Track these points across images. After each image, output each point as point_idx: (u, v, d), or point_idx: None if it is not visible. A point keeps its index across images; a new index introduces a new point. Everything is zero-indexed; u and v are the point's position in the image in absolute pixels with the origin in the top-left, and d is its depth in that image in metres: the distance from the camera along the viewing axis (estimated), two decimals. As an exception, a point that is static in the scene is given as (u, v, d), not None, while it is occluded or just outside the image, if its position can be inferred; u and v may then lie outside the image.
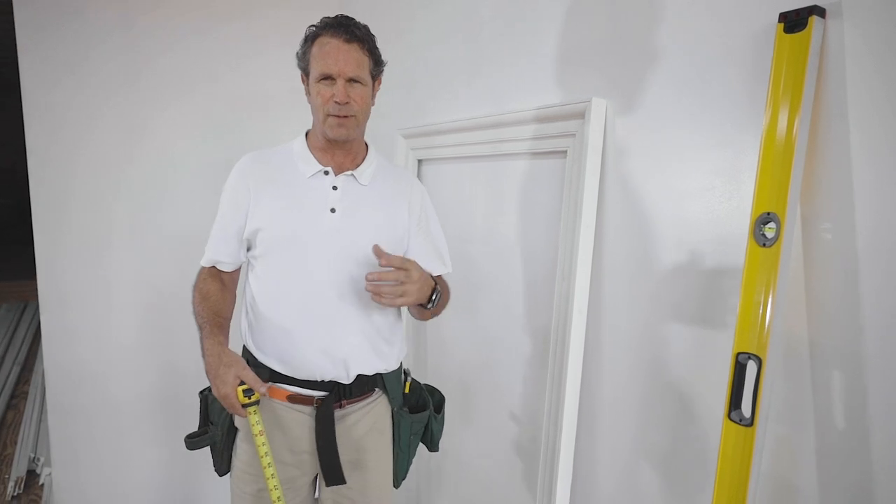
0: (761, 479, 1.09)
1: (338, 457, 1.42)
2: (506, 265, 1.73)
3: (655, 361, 1.32)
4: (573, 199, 1.44)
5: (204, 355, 1.32)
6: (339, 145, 1.45)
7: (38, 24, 2.09)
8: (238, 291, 1.53)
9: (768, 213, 1.05)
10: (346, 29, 1.36)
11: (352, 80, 1.37)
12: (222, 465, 1.50)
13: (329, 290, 1.41)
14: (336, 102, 1.36)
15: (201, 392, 1.53)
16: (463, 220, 1.88)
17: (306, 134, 1.51)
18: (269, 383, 1.42)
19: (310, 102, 1.43)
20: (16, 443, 3.34)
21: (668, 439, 1.30)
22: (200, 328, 1.36)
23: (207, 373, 1.30)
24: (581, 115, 1.42)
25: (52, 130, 2.14)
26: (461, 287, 1.90)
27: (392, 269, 1.31)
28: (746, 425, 1.06)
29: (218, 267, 1.48)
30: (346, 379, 1.43)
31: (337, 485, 1.43)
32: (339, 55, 1.35)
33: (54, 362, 2.22)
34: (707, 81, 1.19)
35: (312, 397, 1.43)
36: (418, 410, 1.57)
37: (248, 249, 1.47)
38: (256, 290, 1.44)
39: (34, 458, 3.07)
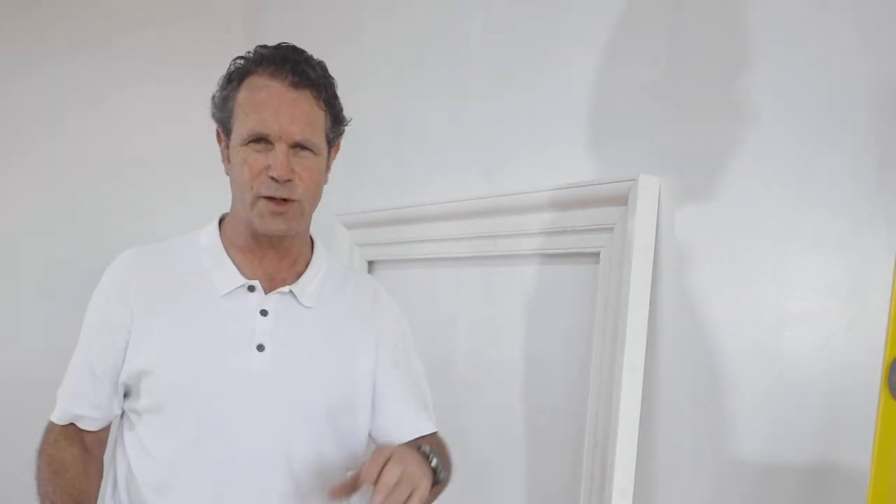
0: None
1: None
2: (507, 425, 1.64)
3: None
4: (610, 324, 1.37)
5: None
6: (273, 244, 1.36)
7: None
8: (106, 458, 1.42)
9: (908, 357, 0.98)
10: (295, 67, 1.27)
11: (298, 147, 1.27)
12: None
13: (253, 468, 1.31)
14: (272, 179, 1.25)
15: None
16: (439, 350, 1.80)
17: (220, 222, 1.39)
18: None
19: (229, 174, 1.33)
20: None
21: None
22: None
23: None
24: (622, 201, 1.37)
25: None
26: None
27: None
28: None
29: (78, 424, 1.35)
30: None
31: None
32: (280, 107, 1.26)
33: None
34: (813, 158, 1.15)
35: None
36: None
37: (126, 397, 1.37)
38: (137, 461, 1.33)
39: None
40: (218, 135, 1.35)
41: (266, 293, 1.34)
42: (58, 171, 2.28)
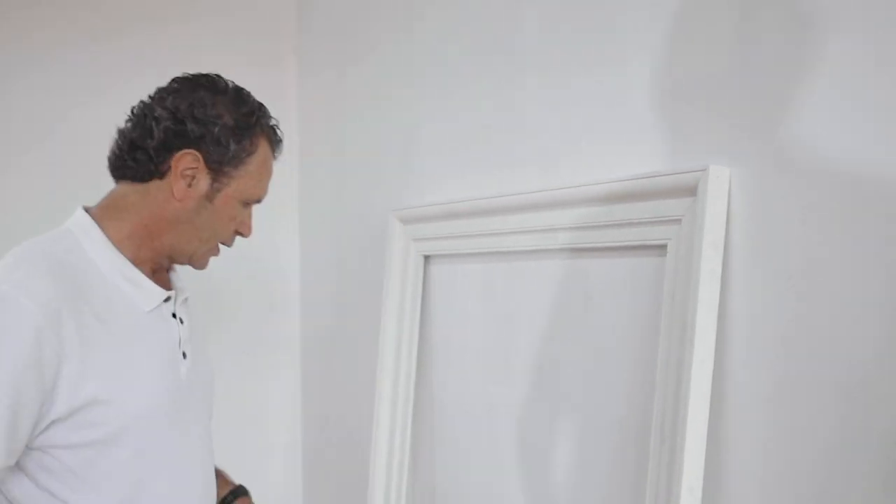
0: None
1: None
2: (571, 423, 1.61)
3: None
4: (678, 318, 1.32)
5: None
6: (169, 265, 1.45)
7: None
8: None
9: None
10: (280, 143, 1.46)
11: None
12: None
13: (197, 466, 1.42)
14: (238, 235, 1.44)
15: None
16: (497, 353, 1.77)
17: (99, 227, 1.31)
18: None
19: (194, 207, 1.34)
20: None
21: None
22: None
23: None
24: (691, 192, 1.32)
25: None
26: (494, 452, 1.79)
27: None
28: None
29: None
30: None
31: None
32: (270, 178, 1.45)
33: None
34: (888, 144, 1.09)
35: None
36: None
37: (40, 433, 1.23)
38: (89, 488, 1.26)
39: None
40: (203, 169, 1.31)
41: (174, 303, 1.39)
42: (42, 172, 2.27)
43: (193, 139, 1.29)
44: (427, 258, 1.98)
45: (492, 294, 1.79)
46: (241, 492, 1.62)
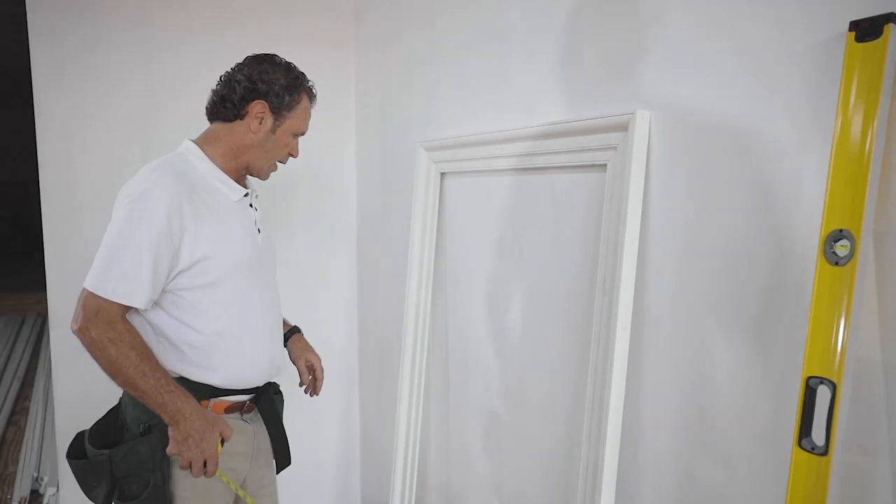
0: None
1: (287, 440, 1.57)
2: (538, 282, 1.66)
3: (706, 387, 1.26)
4: (615, 212, 1.38)
5: (181, 420, 1.28)
6: (246, 174, 1.53)
7: (50, 28, 2.03)
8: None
9: (840, 230, 0.99)
10: (315, 97, 1.56)
11: None
12: None
13: (270, 304, 1.53)
14: (290, 156, 1.54)
15: (80, 457, 1.36)
16: (491, 236, 1.82)
17: (200, 149, 1.44)
18: (212, 401, 1.42)
19: (264, 138, 1.46)
20: (17, 461, 3.23)
21: (722, 471, 1.23)
22: (165, 390, 1.27)
23: (188, 437, 1.28)
24: (623, 128, 1.36)
25: (64, 139, 2.07)
26: (488, 304, 1.85)
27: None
28: (820, 454, 0.99)
29: (140, 306, 1.30)
30: (278, 375, 1.56)
31: (286, 467, 1.58)
32: (309, 119, 1.54)
33: (63, 383, 2.13)
34: (768, 91, 1.13)
35: (244, 402, 1.49)
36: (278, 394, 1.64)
37: (171, 280, 1.35)
38: (206, 316, 1.37)
39: (37, 477, 2.97)
40: (264, 109, 1.44)
41: (251, 197, 1.51)
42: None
43: (262, 93, 1.43)
44: (443, 174, 2.01)
45: (488, 199, 1.83)
46: (296, 330, 1.74)
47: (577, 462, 1.52)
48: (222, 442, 1.33)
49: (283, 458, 1.56)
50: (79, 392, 2.12)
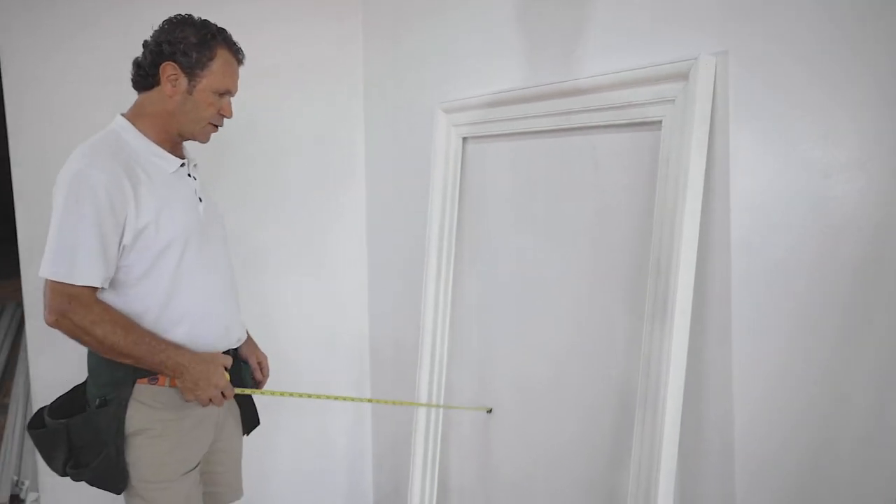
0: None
1: (254, 402, 1.72)
2: (574, 261, 1.53)
3: (782, 381, 1.13)
4: (673, 177, 1.24)
5: (184, 370, 1.40)
6: (181, 141, 1.55)
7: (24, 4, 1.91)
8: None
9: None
10: (239, 52, 1.54)
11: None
12: (122, 479, 1.43)
13: (219, 273, 1.57)
14: (222, 116, 1.53)
15: (40, 428, 1.44)
16: (520, 209, 1.69)
17: (132, 124, 1.47)
18: None
19: (181, 100, 1.47)
20: (-3, 462, 3.13)
21: (804, 479, 1.11)
22: (159, 350, 1.39)
23: (197, 382, 1.41)
24: (684, 77, 1.22)
25: (35, 118, 1.96)
26: (515, 286, 1.73)
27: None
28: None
29: (99, 285, 1.37)
30: (237, 343, 1.62)
31: (255, 428, 1.73)
32: (235, 76, 1.53)
33: (41, 376, 2.03)
34: (861, 23, 0.99)
35: None
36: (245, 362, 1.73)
37: (123, 254, 1.41)
38: (152, 289, 1.43)
39: (17, 481, 2.86)
40: (174, 69, 1.44)
41: (188, 167, 1.54)
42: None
43: (169, 54, 1.44)
44: (465, 139, 1.88)
45: (516, 166, 1.70)
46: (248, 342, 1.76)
47: (626, 466, 1.40)
48: (227, 369, 1.48)
49: (250, 420, 1.71)
50: (58, 384, 2.00)
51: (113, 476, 1.41)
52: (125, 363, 1.39)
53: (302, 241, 2.40)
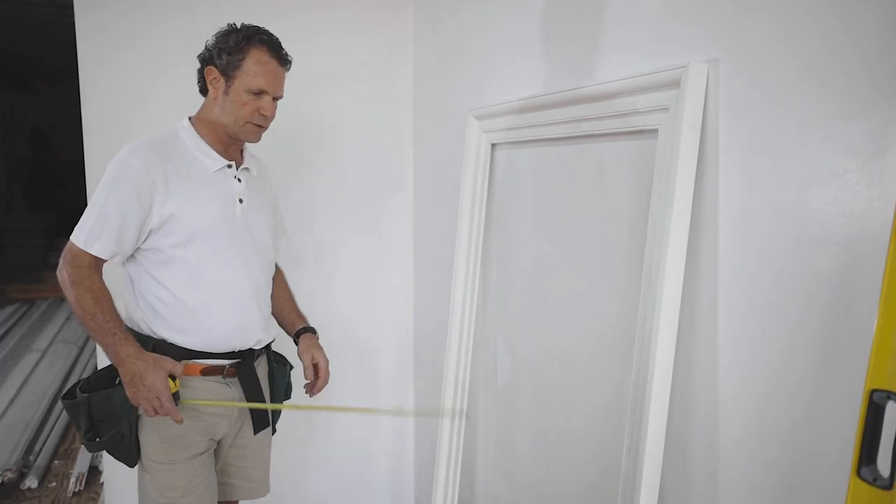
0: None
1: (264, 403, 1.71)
2: (582, 265, 1.57)
3: (761, 392, 1.12)
4: (664, 186, 1.26)
5: (123, 362, 1.46)
6: (238, 143, 1.67)
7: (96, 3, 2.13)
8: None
9: (921, 205, 0.84)
10: (282, 54, 1.61)
11: (276, 98, 1.62)
12: (133, 454, 1.56)
13: (245, 274, 1.63)
14: (263, 115, 1.60)
15: (70, 398, 1.56)
16: (539, 213, 1.73)
17: (191, 124, 1.62)
18: (183, 362, 1.55)
19: (221, 101, 1.58)
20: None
21: (779, 494, 1.10)
22: (110, 333, 1.47)
23: (133, 377, 1.44)
24: (676, 85, 1.23)
25: (107, 110, 2.17)
26: (531, 287, 1.78)
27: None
28: (883, 487, 0.84)
29: (111, 260, 1.52)
30: (257, 346, 1.67)
31: (264, 429, 1.73)
32: (275, 78, 1.59)
33: (105, 359, 2.24)
34: (843, 34, 0.98)
35: (223, 366, 1.62)
36: (282, 365, 1.82)
37: (146, 239, 1.54)
38: (174, 275, 1.55)
39: (96, 454, 3.18)
40: (213, 72, 1.58)
41: (237, 169, 1.65)
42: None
43: (208, 59, 1.59)
44: (493, 146, 1.94)
45: (537, 172, 1.75)
46: (309, 329, 1.82)
47: (619, 471, 1.42)
48: (174, 379, 1.48)
49: (259, 421, 1.71)
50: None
51: (126, 450, 1.55)
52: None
53: (354, 241, 2.54)
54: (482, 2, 1.97)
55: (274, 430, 1.82)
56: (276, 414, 1.81)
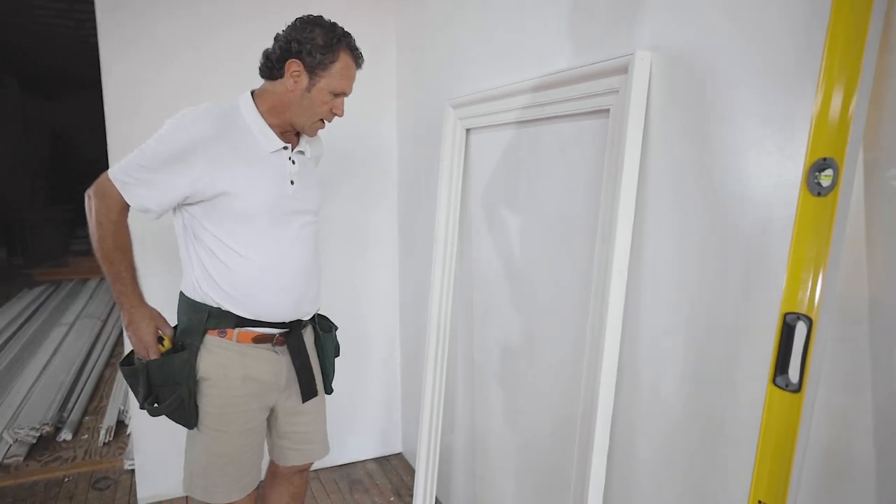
0: (810, 450, 0.95)
1: (313, 374, 1.60)
2: (547, 229, 1.61)
3: (696, 323, 1.18)
4: (615, 157, 1.31)
5: (124, 308, 1.42)
6: (293, 130, 1.52)
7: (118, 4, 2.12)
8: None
9: (824, 159, 0.89)
10: (360, 57, 1.49)
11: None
12: (192, 417, 1.46)
13: (296, 247, 1.52)
14: (334, 115, 1.49)
15: (129, 365, 1.47)
16: (509, 188, 1.77)
17: (254, 102, 1.47)
18: (237, 329, 1.47)
19: (300, 97, 1.45)
20: (110, 396, 3.48)
21: (713, 405, 1.16)
22: (119, 278, 1.41)
23: (129, 324, 1.42)
24: (624, 70, 1.28)
25: (127, 107, 2.16)
26: (503, 256, 1.82)
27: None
28: (793, 391, 0.91)
29: (141, 213, 1.40)
30: (306, 317, 1.58)
31: (312, 398, 1.60)
32: (352, 79, 1.48)
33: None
34: (760, 23, 1.03)
35: (273, 335, 1.52)
36: (328, 332, 1.70)
37: (195, 207, 1.43)
38: (230, 247, 1.44)
39: (123, 409, 3.19)
40: (299, 66, 1.42)
41: (291, 151, 1.51)
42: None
43: (296, 52, 1.42)
44: (468, 130, 1.97)
45: (506, 152, 1.78)
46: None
47: (578, 404, 1.48)
48: (161, 340, 1.45)
49: (307, 390, 1.59)
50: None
51: (185, 414, 1.44)
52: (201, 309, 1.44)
53: (344, 221, 2.56)
54: (457, 2, 2.00)
55: (330, 391, 1.70)
56: (329, 377, 1.69)
